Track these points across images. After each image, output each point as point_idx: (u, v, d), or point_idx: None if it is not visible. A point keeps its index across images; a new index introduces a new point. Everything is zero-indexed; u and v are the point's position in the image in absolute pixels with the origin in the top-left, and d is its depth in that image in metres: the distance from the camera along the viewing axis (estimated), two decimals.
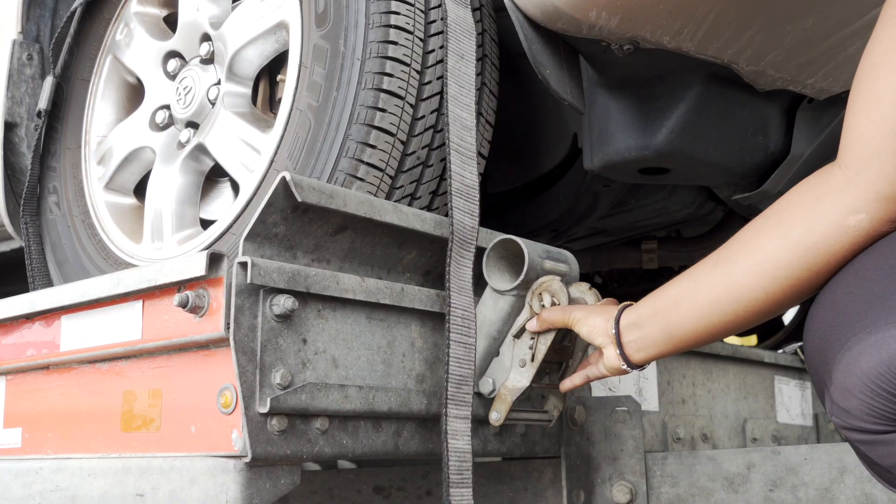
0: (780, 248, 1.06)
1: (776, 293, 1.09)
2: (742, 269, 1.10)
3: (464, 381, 1.36)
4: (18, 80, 2.19)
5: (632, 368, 1.30)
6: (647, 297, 1.28)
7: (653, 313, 1.24)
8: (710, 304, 1.15)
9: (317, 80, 1.52)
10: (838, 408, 0.93)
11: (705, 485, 1.50)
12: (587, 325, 1.33)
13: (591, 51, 1.55)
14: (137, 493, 1.30)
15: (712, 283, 1.15)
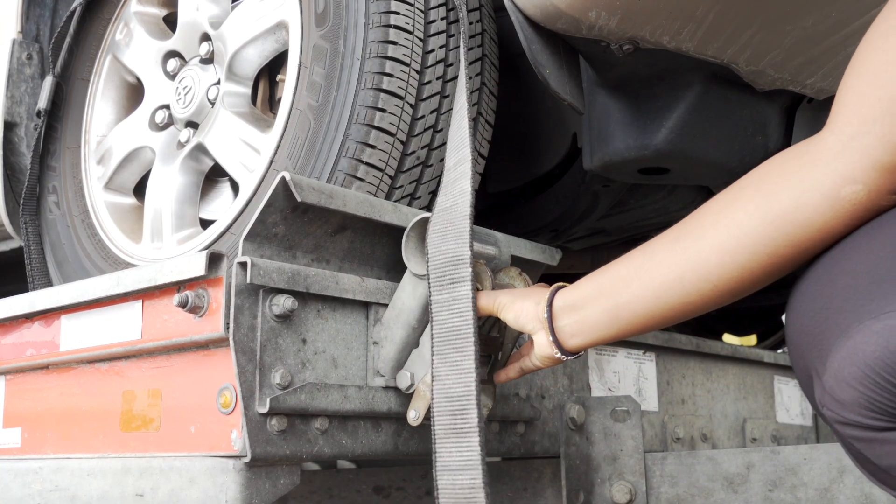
0: (762, 221, 0.95)
1: (753, 270, 0.98)
2: (712, 245, 0.99)
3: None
4: (18, 80, 2.19)
5: (566, 356, 1.18)
6: (586, 277, 1.16)
7: (596, 293, 1.12)
8: (670, 283, 1.03)
9: (316, 80, 1.52)
10: (831, 399, 0.85)
11: (705, 485, 1.50)
12: (514, 311, 1.21)
13: (591, 51, 1.55)
14: (137, 493, 1.30)
15: (673, 260, 1.03)
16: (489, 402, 1.39)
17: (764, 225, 0.95)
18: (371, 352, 1.35)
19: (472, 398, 1.16)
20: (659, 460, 1.55)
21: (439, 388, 1.20)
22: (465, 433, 1.17)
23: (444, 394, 1.19)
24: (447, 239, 1.24)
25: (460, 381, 1.18)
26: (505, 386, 1.54)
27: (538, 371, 1.55)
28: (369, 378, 1.34)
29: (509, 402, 1.54)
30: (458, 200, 1.27)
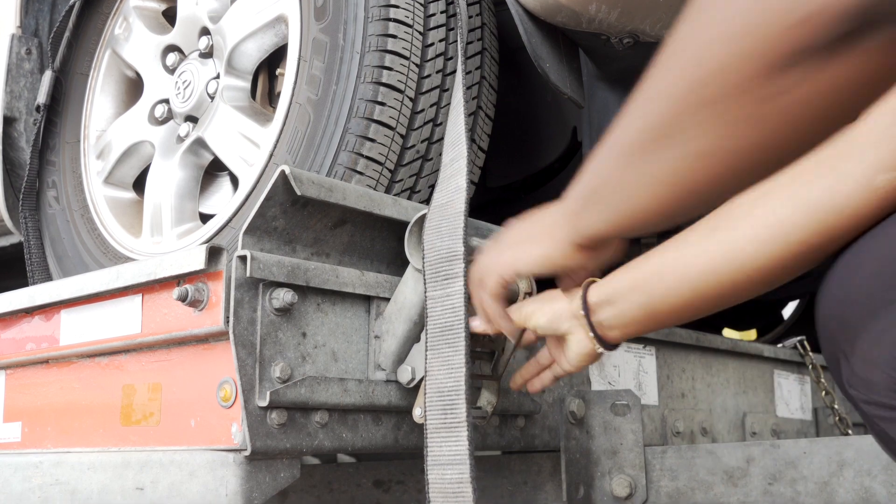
0: (795, 210, 0.92)
1: (786, 260, 0.95)
2: (747, 235, 0.97)
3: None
4: (17, 75, 2.18)
5: (606, 349, 1.17)
6: (617, 271, 1.14)
7: (630, 288, 1.11)
8: (705, 275, 1.01)
9: (316, 74, 1.52)
10: (859, 379, 0.85)
11: (704, 478, 1.51)
12: (546, 314, 1.19)
13: (591, 44, 1.55)
14: (137, 486, 1.30)
15: (708, 252, 1.01)
16: (493, 399, 1.39)
17: (798, 214, 0.92)
18: (372, 345, 1.35)
19: (461, 394, 1.16)
20: (659, 454, 1.55)
21: (431, 383, 1.20)
22: (455, 428, 1.17)
23: (436, 389, 1.19)
24: (441, 235, 1.24)
25: (451, 376, 1.18)
26: (505, 380, 1.54)
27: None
28: (370, 372, 1.34)
29: (509, 395, 1.54)
30: (453, 197, 1.27)
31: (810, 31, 0.66)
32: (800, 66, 0.69)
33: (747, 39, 0.69)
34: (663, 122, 0.83)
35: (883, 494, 1.37)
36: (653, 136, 0.86)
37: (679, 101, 0.80)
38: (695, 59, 0.75)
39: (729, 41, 0.71)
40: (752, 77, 0.71)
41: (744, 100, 0.73)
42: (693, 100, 0.77)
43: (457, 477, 1.16)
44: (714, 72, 0.74)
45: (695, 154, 0.83)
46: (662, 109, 0.83)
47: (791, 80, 0.70)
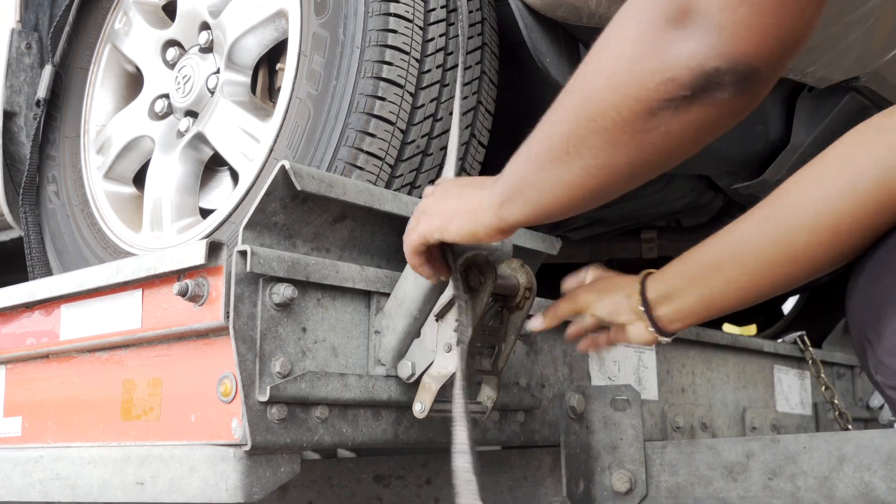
0: (848, 202, 0.97)
1: (835, 249, 1.00)
2: (801, 226, 1.01)
3: None
4: (17, 69, 2.18)
5: (667, 339, 1.24)
6: (672, 263, 1.20)
7: (688, 282, 1.17)
8: (762, 266, 1.06)
9: (316, 69, 1.51)
10: (884, 366, 0.90)
11: (704, 473, 1.51)
12: (605, 307, 1.27)
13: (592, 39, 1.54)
14: (137, 481, 1.30)
15: (763, 244, 1.06)
16: (493, 394, 1.39)
17: (850, 205, 0.98)
18: (372, 340, 1.35)
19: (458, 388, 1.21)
20: (659, 449, 1.55)
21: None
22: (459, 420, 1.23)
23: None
24: None
25: None
26: (505, 375, 1.54)
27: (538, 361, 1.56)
28: (370, 367, 1.34)
29: (509, 390, 1.54)
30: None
31: (673, 88, 0.82)
32: (667, 110, 0.84)
33: (629, 88, 0.85)
34: (568, 141, 0.95)
35: (883, 489, 1.37)
36: (560, 151, 0.97)
37: (579, 126, 0.93)
38: (590, 96, 0.90)
39: (615, 88, 0.87)
40: (632, 116, 0.87)
41: (626, 131, 0.88)
42: (590, 127, 0.91)
43: (465, 466, 1.22)
44: (604, 109, 0.89)
45: (593, 167, 0.95)
46: (566, 131, 0.95)
47: (661, 120, 0.85)
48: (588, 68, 0.91)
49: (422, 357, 1.34)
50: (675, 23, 0.81)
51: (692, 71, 0.81)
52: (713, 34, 0.78)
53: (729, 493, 1.48)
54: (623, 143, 0.90)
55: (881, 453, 1.37)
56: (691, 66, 0.80)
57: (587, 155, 0.94)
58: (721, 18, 0.77)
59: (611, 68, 0.87)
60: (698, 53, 0.79)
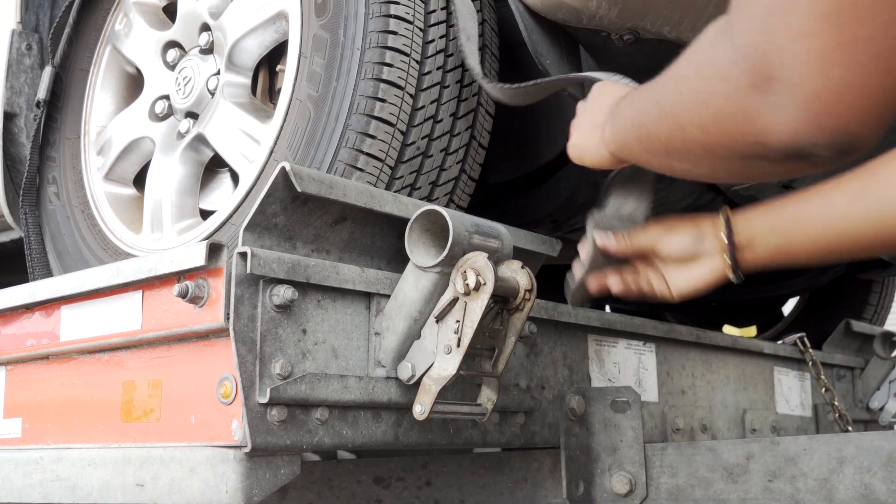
0: None
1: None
2: (892, 206, 1.05)
3: None
4: (17, 71, 2.18)
5: (739, 279, 1.27)
6: (758, 208, 1.24)
7: (770, 230, 1.21)
8: (845, 234, 1.11)
9: (316, 70, 1.51)
10: None
11: (704, 475, 1.51)
12: (677, 241, 1.32)
13: (591, 41, 1.55)
14: (137, 482, 1.30)
15: (851, 215, 1.09)
16: (493, 396, 1.39)
17: None
18: (372, 342, 1.35)
19: None
20: (659, 451, 1.55)
21: None
22: None
23: None
24: None
25: None
26: (505, 377, 1.54)
27: (538, 362, 1.56)
28: (370, 368, 1.34)
29: (509, 392, 1.54)
30: None
31: (765, 151, 0.82)
32: (761, 160, 0.86)
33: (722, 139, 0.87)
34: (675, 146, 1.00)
35: (883, 491, 1.37)
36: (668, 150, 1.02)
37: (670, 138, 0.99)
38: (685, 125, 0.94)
39: (707, 133, 0.89)
40: (728, 154, 0.89)
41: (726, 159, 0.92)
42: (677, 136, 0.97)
43: None
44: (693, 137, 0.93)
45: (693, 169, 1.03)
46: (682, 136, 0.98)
47: (756, 163, 0.88)
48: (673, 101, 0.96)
49: (422, 358, 1.34)
50: (761, 90, 0.76)
51: (785, 144, 0.77)
52: (805, 105, 0.72)
53: (729, 494, 1.48)
54: (716, 165, 0.96)
55: (881, 455, 1.37)
56: (784, 140, 0.77)
57: (678, 161, 1.02)
58: (813, 87, 0.70)
59: (699, 113, 0.89)
60: (790, 128, 0.75)
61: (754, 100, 0.77)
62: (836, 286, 3.10)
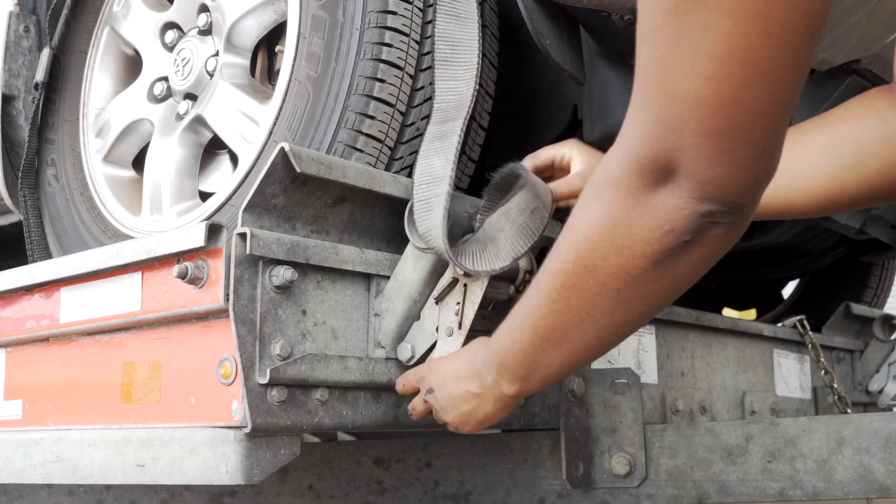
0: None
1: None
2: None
3: None
4: (15, 53, 2.17)
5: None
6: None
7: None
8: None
9: (315, 51, 1.51)
10: None
11: (704, 456, 1.51)
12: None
13: (592, 21, 1.54)
14: (138, 463, 1.30)
15: None
16: None
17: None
18: (372, 323, 1.35)
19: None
20: (658, 432, 1.56)
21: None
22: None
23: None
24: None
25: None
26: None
27: None
28: (370, 349, 1.34)
29: None
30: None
31: (674, 237, 0.90)
32: (671, 258, 0.92)
33: (634, 249, 0.93)
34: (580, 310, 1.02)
35: (881, 472, 1.37)
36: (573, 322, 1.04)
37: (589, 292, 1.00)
38: (596, 266, 0.97)
39: (619, 251, 0.94)
40: (640, 273, 0.94)
41: (637, 285, 0.96)
42: (601, 292, 0.98)
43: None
44: (613, 273, 0.96)
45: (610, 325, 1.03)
46: (575, 302, 1.02)
47: (666, 268, 0.93)
48: (582, 242, 0.98)
49: (421, 340, 1.34)
50: (660, 182, 0.87)
51: (688, 218, 0.88)
52: (700, 186, 0.86)
53: (728, 475, 1.49)
54: (635, 296, 0.98)
55: (880, 436, 1.38)
56: (686, 215, 0.88)
57: (601, 317, 1.01)
58: (704, 175, 0.85)
59: (610, 236, 0.94)
60: (690, 202, 0.87)
61: (656, 192, 0.88)
62: (835, 269, 3.10)
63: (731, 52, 0.77)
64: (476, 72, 1.43)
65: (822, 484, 1.41)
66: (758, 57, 0.77)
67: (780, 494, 1.45)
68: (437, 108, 1.43)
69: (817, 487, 1.42)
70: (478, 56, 1.44)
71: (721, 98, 0.79)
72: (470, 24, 1.47)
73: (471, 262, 1.28)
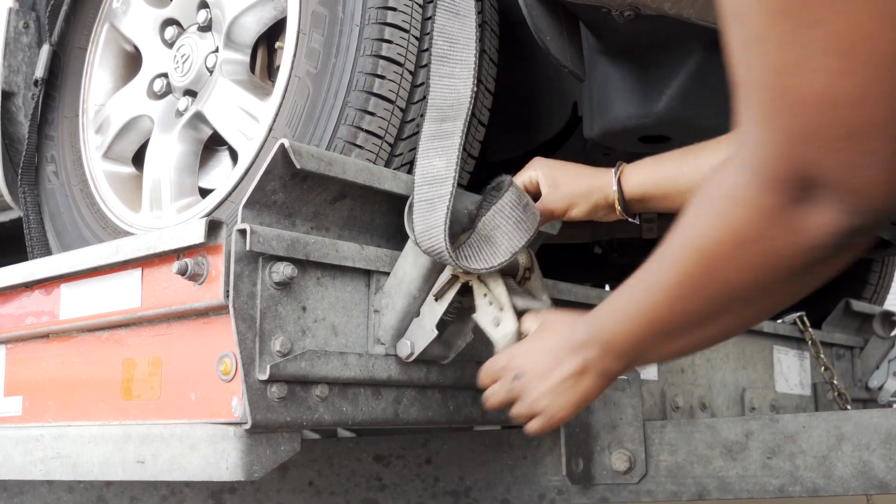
0: None
1: None
2: None
3: None
4: (15, 49, 2.17)
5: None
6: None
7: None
8: None
9: (315, 47, 1.51)
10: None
11: (704, 452, 1.51)
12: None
13: (592, 17, 1.54)
14: (138, 459, 1.30)
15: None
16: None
17: None
18: (371, 320, 1.35)
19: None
20: (658, 428, 1.56)
21: None
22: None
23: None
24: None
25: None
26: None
27: None
28: (370, 346, 1.34)
29: None
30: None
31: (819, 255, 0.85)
32: (810, 270, 0.89)
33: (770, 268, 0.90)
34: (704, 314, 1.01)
35: (881, 468, 1.37)
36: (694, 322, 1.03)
37: (718, 302, 0.98)
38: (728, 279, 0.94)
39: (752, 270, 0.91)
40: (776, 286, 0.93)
41: (770, 295, 0.95)
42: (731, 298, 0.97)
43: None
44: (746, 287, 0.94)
45: (734, 325, 1.03)
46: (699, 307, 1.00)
47: (803, 278, 0.91)
48: (709, 259, 0.94)
49: (421, 336, 1.34)
50: (798, 199, 0.82)
51: (835, 236, 0.83)
52: (847, 197, 0.80)
53: (728, 472, 1.49)
54: (763, 302, 0.97)
55: (880, 432, 1.38)
56: (832, 231, 0.82)
57: (726, 318, 1.00)
58: (852, 183, 0.79)
59: (741, 254, 0.90)
60: (838, 216, 0.81)
61: (796, 212, 0.83)
62: None
63: (854, 44, 0.72)
64: (474, 71, 1.42)
65: (821, 480, 1.42)
66: (882, 44, 0.71)
67: (779, 491, 1.45)
68: (433, 105, 1.42)
69: (817, 484, 1.42)
70: (475, 55, 1.44)
71: (853, 95, 0.74)
72: (468, 21, 1.47)
73: (470, 261, 1.28)
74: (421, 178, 1.34)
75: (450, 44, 1.45)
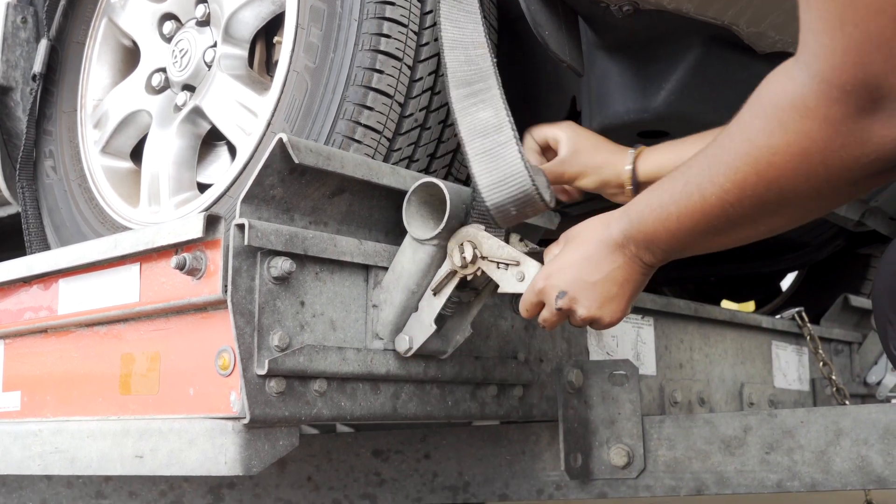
0: None
1: None
2: None
3: None
4: (13, 44, 2.17)
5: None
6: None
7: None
8: None
9: (314, 42, 1.50)
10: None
11: (702, 447, 1.51)
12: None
13: (590, 12, 1.54)
14: (136, 454, 1.30)
15: None
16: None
17: None
18: (370, 314, 1.35)
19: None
20: (657, 423, 1.56)
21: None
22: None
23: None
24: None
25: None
26: (503, 349, 1.55)
27: (536, 335, 1.56)
28: (368, 341, 1.34)
29: (507, 365, 1.54)
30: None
31: (879, 166, 0.85)
32: (868, 178, 0.88)
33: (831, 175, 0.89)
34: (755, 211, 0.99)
35: (879, 463, 1.37)
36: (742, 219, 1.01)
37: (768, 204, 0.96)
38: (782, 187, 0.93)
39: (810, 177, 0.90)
40: (832, 191, 0.91)
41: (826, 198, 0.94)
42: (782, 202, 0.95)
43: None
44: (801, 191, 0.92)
45: (779, 224, 1.01)
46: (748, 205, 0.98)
47: (861, 185, 0.90)
48: (767, 169, 0.92)
49: (419, 331, 1.34)
50: (866, 110, 0.81)
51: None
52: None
53: (726, 467, 1.49)
54: (817, 204, 0.96)
55: (878, 428, 1.38)
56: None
57: (775, 219, 0.99)
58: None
59: (801, 165, 0.88)
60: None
61: (863, 122, 0.82)
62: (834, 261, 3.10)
63: None
64: (489, 47, 1.40)
65: (820, 475, 1.42)
66: None
67: (778, 486, 1.45)
68: (453, 77, 1.38)
69: (815, 479, 1.42)
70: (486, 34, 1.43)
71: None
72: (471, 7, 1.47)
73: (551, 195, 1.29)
74: (469, 134, 1.31)
75: (459, 28, 1.43)
